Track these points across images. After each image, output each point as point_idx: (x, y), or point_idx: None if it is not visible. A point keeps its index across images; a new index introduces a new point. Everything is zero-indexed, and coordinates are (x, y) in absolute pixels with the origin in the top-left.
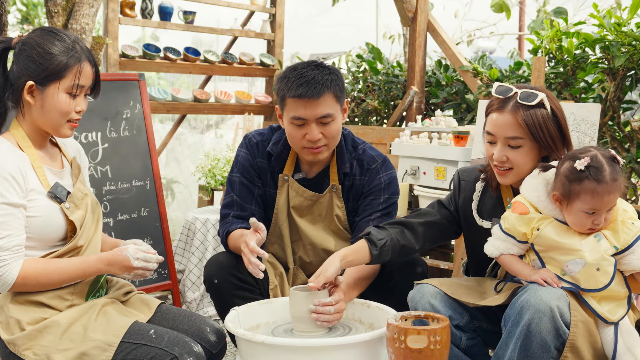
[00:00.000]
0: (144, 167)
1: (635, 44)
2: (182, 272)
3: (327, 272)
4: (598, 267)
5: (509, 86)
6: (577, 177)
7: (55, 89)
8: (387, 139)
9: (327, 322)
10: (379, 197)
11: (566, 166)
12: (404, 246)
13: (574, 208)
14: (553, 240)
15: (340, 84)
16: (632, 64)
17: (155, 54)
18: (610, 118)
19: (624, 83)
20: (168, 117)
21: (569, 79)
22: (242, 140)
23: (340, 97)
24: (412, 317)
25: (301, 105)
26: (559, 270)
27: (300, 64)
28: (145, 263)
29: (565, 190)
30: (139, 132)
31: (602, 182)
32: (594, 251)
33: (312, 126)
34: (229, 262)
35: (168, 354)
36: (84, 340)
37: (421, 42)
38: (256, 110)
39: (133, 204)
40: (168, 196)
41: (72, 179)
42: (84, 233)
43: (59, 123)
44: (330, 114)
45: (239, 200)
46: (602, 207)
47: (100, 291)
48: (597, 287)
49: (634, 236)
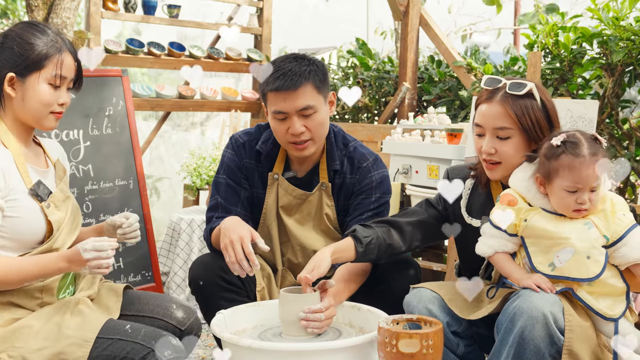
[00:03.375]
0: (127, 166)
1: (634, 39)
2: (167, 274)
3: (321, 267)
4: (588, 255)
5: (497, 78)
6: (554, 154)
7: (36, 79)
8: (378, 136)
9: (317, 329)
10: (370, 197)
11: (545, 146)
12: (390, 245)
13: (555, 187)
14: (541, 230)
15: (320, 75)
16: (631, 59)
17: (138, 49)
18: (608, 115)
19: (622, 79)
20: (152, 114)
21: (566, 75)
22: (229, 140)
23: (321, 87)
24: (404, 320)
25: (280, 98)
26: (547, 264)
27: (279, 58)
28: (97, 253)
29: (545, 170)
30: (121, 130)
31: (579, 155)
32: (583, 239)
33: (294, 119)
34: (214, 263)
35: (145, 347)
36: (59, 338)
37: (413, 37)
38: (243, 107)
39: (116, 204)
40: (152, 196)
41: (56, 180)
42: (60, 236)
43: (42, 114)
44: (311, 105)
45: (224, 202)
46: (583, 182)
47: (70, 287)
48: (588, 275)
49: (625, 227)
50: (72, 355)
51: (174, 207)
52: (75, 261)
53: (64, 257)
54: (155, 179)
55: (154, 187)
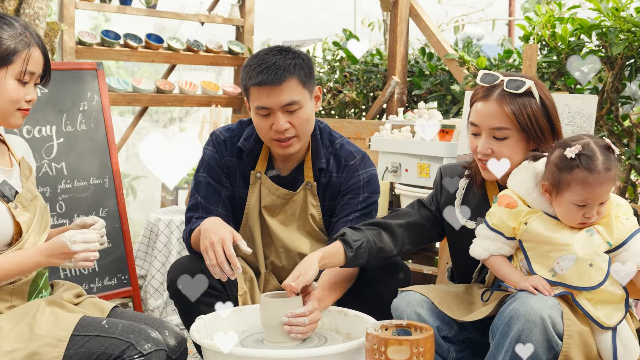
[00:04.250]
0: (102, 164)
1: (635, 31)
2: (144, 277)
3: (307, 275)
4: (591, 263)
5: (494, 74)
6: (567, 166)
7: (2, 76)
8: (366, 133)
9: (300, 334)
10: (358, 196)
11: (556, 154)
12: (381, 249)
13: (564, 199)
14: (542, 235)
15: (306, 68)
16: (632, 52)
17: (114, 41)
18: (608, 111)
19: (622, 73)
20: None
21: (563, 69)
22: (209, 137)
23: (306, 82)
24: (394, 326)
25: (263, 93)
26: (547, 270)
27: (262, 51)
28: (86, 245)
29: (555, 180)
30: (96, 126)
31: (593, 171)
32: (586, 246)
33: (278, 115)
34: (194, 265)
35: (123, 342)
36: (32, 339)
37: (403, 29)
38: (224, 102)
39: (90, 203)
40: (128, 195)
41: (22, 179)
42: (30, 237)
43: (9, 111)
44: (296, 100)
45: (204, 202)
46: (594, 198)
47: (42, 292)
48: (590, 284)
49: (628, 232)
50: (47, 356)
51: (152, 207)
52: (57, 254)
53: (42, 251)
54: (131, 178)
55: (130, 186)
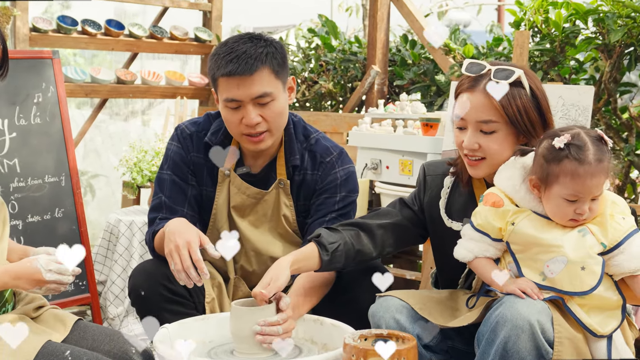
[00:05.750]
0: (58, 161)
1: (635, 16)
2: (103, 283)
3: (278, 281)
4: (583, 266)
5: (481, 63)
6: (556, 157)
7: None
8: (344, 127)
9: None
10: (335, 196)
11: (544, 145)
12: (359, 251)
13: (553, 194)
14: (531, 236)
15: (279, 57)
16: (631, 39)
17: (71, 27)
18: (605, 103)
19: (621, 62)
20: (87, 101)
21: (557, 57)
22: (174, 131)
23: (280, 72)
24: (373, 336)
25: (233, 85)
26: (537, 273)
27: (232, 38)
28: (59, 276)
29: (543, 173)
30: (52, 119)
31: (584, 162)
32: (578, 247)
33: (249, 108)
34: (158, 270)
35: None
36: None
37: (383, 14)
38: (190, 93)
39: (45, 203)
40: (87, 194)
41: None
42: None
43: None
44: (268, 92)
45: (168, 202)
46: (585, 192)
47: (6, 305)
48: (582, 289)
49: (624, 233)
50: None
51: (112, 207)
52: (27, 279)
53: (10, 272)
54: (90, 176)
55: (88, 185)
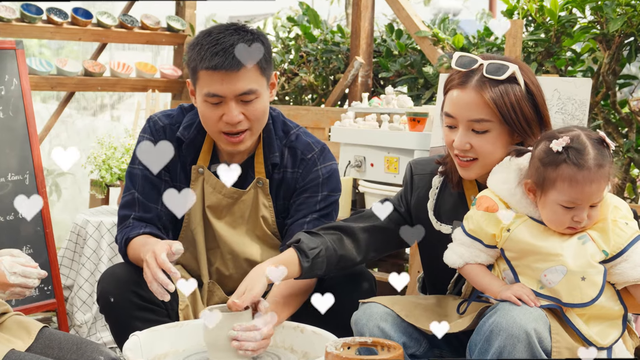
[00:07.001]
0: (22, 157)
1: (635, 4)
2: (70, 288)
3: (253, 290)
4: (583, 276)
5: (473, 56)
6: (553, 161)
7: None
8: (326, 122)
9: (251, 350)
10: (316, 195)
11: (541, 147)
12: (342, 257)
13: (549, 199)
14: (527, 244)
15: (266, 53)
16: (631, 28)
17: (36, 16)
18: (604, 96)
19: (620, 53)
20: (52, 95)
21: (553, 48)
22: (146, 123)
23: (266, 69)
24: (357, 344)
25: (217, 79)
26: (535, 282)
27: (216, 28)
28: (24, 279)
29: (539, 177)
30: (15, 114)
31: (583, 167)
32: (578, 256)
33: (231, 105)
34: (128, 275)
35: None
36: None
37: (368, 2)
38: (162, 86)
39: (8, 203)
40: (52, 193)
41: None
42: None
43: None
44: (254, 89)
45: (141, 198)
46: (583, 199)
47: None
48: (582, 301)
49: (628, 239)
50: None
51: (79, 207)
52: None
53: None
54: (56, 174)
55: (54, 183)
